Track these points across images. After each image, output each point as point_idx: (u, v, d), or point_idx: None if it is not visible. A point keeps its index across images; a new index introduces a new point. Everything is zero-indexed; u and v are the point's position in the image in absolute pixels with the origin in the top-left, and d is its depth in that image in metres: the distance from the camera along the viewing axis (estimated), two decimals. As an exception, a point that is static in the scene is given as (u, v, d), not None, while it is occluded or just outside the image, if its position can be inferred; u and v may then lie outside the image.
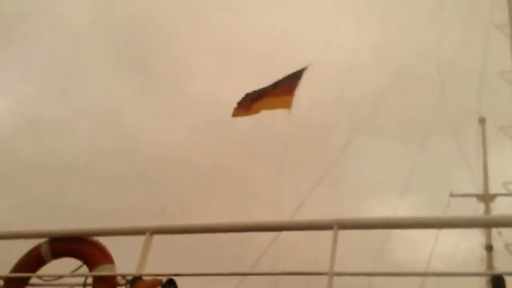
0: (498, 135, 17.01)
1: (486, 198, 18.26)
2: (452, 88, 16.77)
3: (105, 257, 4.58)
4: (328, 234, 4.08)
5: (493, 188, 18.24)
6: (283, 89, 13.18)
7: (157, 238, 4.55)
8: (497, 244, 17.76)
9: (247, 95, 12.98)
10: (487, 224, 8.32)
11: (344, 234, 4.17)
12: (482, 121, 18.57)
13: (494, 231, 17.31)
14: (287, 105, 12.97)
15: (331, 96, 15.24)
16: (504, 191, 18.00)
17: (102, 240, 4.71)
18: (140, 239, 4.53)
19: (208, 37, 31.68)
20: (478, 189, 18.34)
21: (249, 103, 13.11)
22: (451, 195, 18.10)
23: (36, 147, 29.42)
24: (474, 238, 17.86)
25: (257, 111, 13.16)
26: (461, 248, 17.96)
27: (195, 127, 30.52)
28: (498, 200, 18.16)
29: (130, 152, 29.46)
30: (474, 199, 18.16)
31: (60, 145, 29.80)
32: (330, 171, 15.12)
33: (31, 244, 4.84)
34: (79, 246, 4.67)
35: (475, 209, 17.99)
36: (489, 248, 17.83)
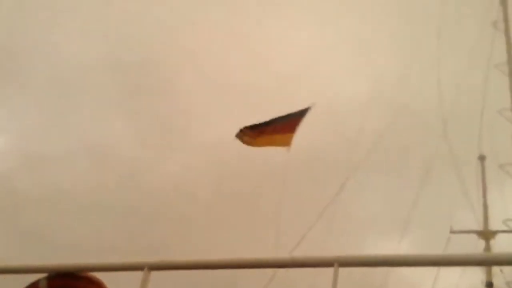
0: (498, 172, 17.02)
1: (487, 235, 18.21)
2: (453, 126, 16.85)
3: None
4: (327, 271, 4.04)
5: (494, 225, 18.23)
6: (284, 127, 13.31)
7: (155, 274, 4.51)
8: (498, 281, 17.65)
9: (249, 127, 13.15)
10: (488, 261, 8.27)
11: (344, 272, 4.13)
12: (482, 158, 18.64)
13: (495, 268, 17.21)
14: (287, 143, 13.09)
15: (332, 132, 15.32)
16: (505, 228, 17.96)
17: (100, 276, 4.67)
18: (139, 274, 4.49)
19: (207, 76, 32.01)
20: (478, 226, 18.30)
21: (252, 134, 13.29)
22: (452, 232, 18.07)
23: (35, 182, 29.52)
24: (474, 275, 17.75)
25: (257, 145, 13.30)
26: (461, 285, 17.85)
27: (194, 164, 30.66)
28: (499, 237, 18.14)
29: (128, 187, 29.57)
30: (474, 236, 18.15)
31: (59, 179, 29.91)
32: (330, 208, 15.11)
33: (29, 279, 4.80)
34: (77, 282, 4.63)
35: (476, 246, 17.95)
36: (489, 285, 17.71)
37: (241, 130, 12.94)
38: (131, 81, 32.00)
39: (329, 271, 4.05)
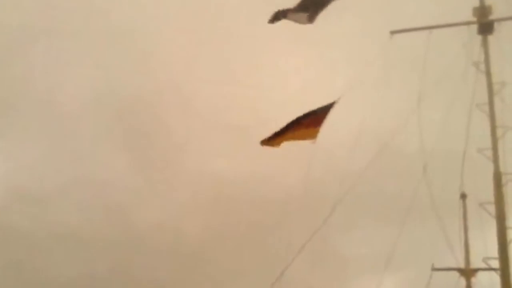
0: (479, 211, 17.22)
1: (468, 272, 18.41)
2: (435, 165, 17.09)
3: None
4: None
5: (474, 263, 18.44)
6: (310, 122, 13.60)
7: None
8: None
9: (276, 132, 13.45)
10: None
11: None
12: (463, 196, 18.90)
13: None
14: (313, 136, 13.41)
15: (320, 168, 15.54)
16: (485, 266, 18.16)
17: None
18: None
19: (201, 111, 32.36)
20: (459, 264, 18.49)
21: (281, 134, 13.57)
22: (433, 269, 18.25)
23: (29, 218, 29.56)
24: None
25: (283, 141, 13.58)
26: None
27: (189, 200, 30.91)
28: (479, 275, 18.33)
29: (122, 224, 29.69)
30: (455, 274, 18.33)
31: (53, 215, 29.96)
32: (312, 244, 15.24)
33: None
34: None
35: (457, 284, 18.14)
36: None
37: (264, 140, 13.28)
38: (126, 118, 32.28)
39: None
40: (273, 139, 14.05)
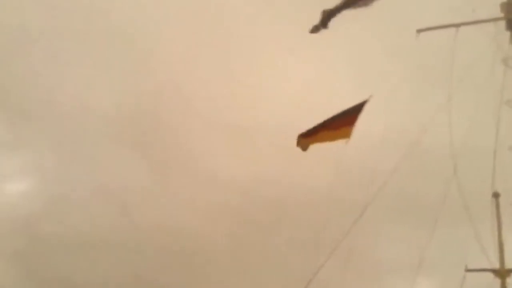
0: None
1: (502, 273, 18.01)
2: (465, 164, 16.81)
3: None
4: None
5: (509, 264, 18.04)
6: (343, 121, 13.54)
7: None
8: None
9: (310, 130, 13.45)
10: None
11: None
12: (496, 195, 18.52)
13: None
14: (347, 136, 13.34)
15: (344, 172, 15.38)
16: (521, 267, 17.79)
17: None
18: None
19: (203, 112, 32.46)
20: (493, 265, 18.10)
21: (313, 134, 13.52)
22: (467, 270, 17.89)
23: (58, 225, 30.09)
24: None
25: (318, 141, 13.51)
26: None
27: (204, 205, 31.02)
28: (515, 275, 17.94)
29: (151, 229, 29.95)
30: (490, 275, 17.94)
31: (81, 222, 30.41)
32: (343, 247, 15.09)
33: None
34: None
35: (491, 285, 17.77)
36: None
37: (297, 140, 13.26)
38: (146, 126, 32.57)
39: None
40: (305, 140, 13.96)
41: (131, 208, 31.86)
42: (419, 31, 17.44)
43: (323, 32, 15.93)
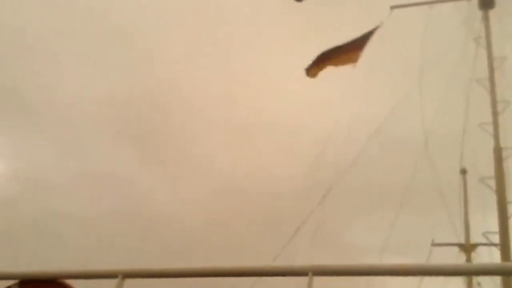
0: (479, 186, 17.12)
1: (468, 247, 18.30)
2: (435, 141, 16.97)
3: (75, 300, 4.50)
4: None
5: (474, 238, 18.34)
6: (351, 47, 13.72)
7: (129, 282, 4.47)
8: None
9: (319, 56, 13.62)
10: (471, 272, 8.22)
11: (321, 282, 4.08)
12: (463, 172, 18.77)
13: (475, 281, 17.28)
14: (354, 60, 13.52)
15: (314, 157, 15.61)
16: (485, 241, 18.08)
17: (74, 283, 4.62)
18: (113, 282, 4.45)
19: (201, 106, 32.68)
20: (459, 240, 18.40)
21: (320, 62, 13.68)
22: (433, 245, 18.17)
23: (37, 207, 29.98)
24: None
25: (324, 68, 13.67)
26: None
27: (193, 192, 31.26)
28: (480, 250, 18.24)
29: (130, 213, 30.05)
30: (455, 250, 18.24)
31: (61, 205, 30.35)
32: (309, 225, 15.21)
33: (1, 286, 4.74)
34: (50, 288, 4.58)
35: (456, 260, 18.06)
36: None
37: (306, 68, 13.43)
38: (133, 112, 32.63)
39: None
40: (315, 67, 14.13)
41: (115, 194, 31.98)
42: (393, 7, 17.51)
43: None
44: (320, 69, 14.20)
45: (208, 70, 32.74)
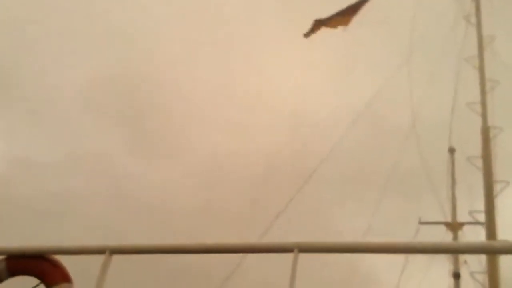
0: (466, 165, 17.23)
1: (454, 226, 18.46)
2: (423, 120, 17.03)
3: (62, 276, 4.50)
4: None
5: (461, 217, 18.50)
6: (345, 11, 14.32)
7: (117, 258, 4.48)
8: (464, 273, 17.94)
9: (315, 21, 14.39)
10: (457, 249, 8.27)
11: (307, 260, 4.10)
12: (451, 151, 18.87)
13: (461, 259, 17.47)
14: (346, 23, 14.17)
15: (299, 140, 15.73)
16: (471, 220, 18.24)
17: (61, 259, 4.63)
18: (100, 258, 4.46)
19: (201, 88, 32.77)
20: (446, 218, 18.56)
21: (317, 25, 14.33)
22: (420, 223, 18.32)
23: (26, 187, 30.10)
24: (441, 266, 18.00)
25: (317, 30, 14.30)
26: (428, 277, 18.08)
27: (184, 174, 31.48)
28: (466, 229, 18.42)
29: (119, 195, 30.20)
30: (442, 228, 18.40)
31: (50, 185, 30.48)
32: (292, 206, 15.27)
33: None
34: (37, 264, 4.58)
35: (443, 238, 18.21)
36: (456, 276, 17.97)
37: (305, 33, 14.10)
38: (123, 95, 32.66)
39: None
40: (312, 29, 14.74)
41: (102, 174, 32.10)
42: (383, -16, 17.41)
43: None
44: (314, 31, 14.87)
45: (208, 70, 32.83)
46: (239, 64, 32.19)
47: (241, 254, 4.64)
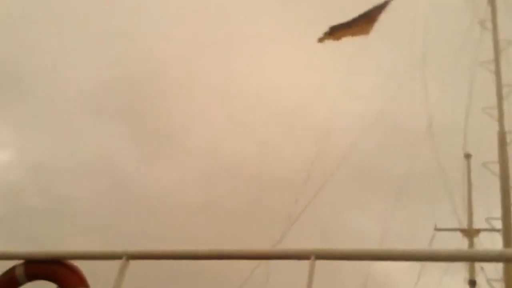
0: (483, 171, 17.09)
1: (470, 232, 18.31)
2: (438, 125, 16.93)
3: (80, 281, 4.54)
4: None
5: (477, 224, 18.35)
6: (363, 19, 13.84)
7: (134, 263, 4.51)
8: (480, 279, 17.78)
9: (332, 27, 13.81)
10: (474, 257, 8.19)
11: (324, 267, 4.09)
12: (467, 156, 18.75)
13: (477, 266, 17.31)
14: (366, 32, 13.65)
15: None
16: (487, 226, 18.08)
17: (78, 264, 4.67)
18: (117, 263, 4.49)
19: (202, 88, 32.81)
20: (462, 225, 18.40)
21: (333, 33, 13.79)
22: (436, 229, 18.20)
23: (40, 194, 30.34)
24: (457, 273, 17.87)
25: (339, 38, 13.81)
26: (444, 284, 17.95)
27: (188, 174, 31.55)
28: (482, 235, 18.26)
29: (129, 199, 30.31)
30: (458, 235, 18.25)
31: (64, 191, 30.69)
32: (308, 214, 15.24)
33: (5, 266, 4.78)
34: (55, 269, 4.62)
35: (459, 245, 18.08)
36: (472, 284, 17.82)
37: (320, 38, 13.63)
38: (133, 101, 32.84)
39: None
40: (327, 37, 14.27)
41: (116, 179, 32.33)
42: (398, -11, 17.34)
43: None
44: (335, 39, 14.36)
45: (208, 70, 32.86)
46: (239, 64, 32.15)
47: (256, 261, 4.63)
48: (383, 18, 17.34)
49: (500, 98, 16.45)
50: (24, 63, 31.69)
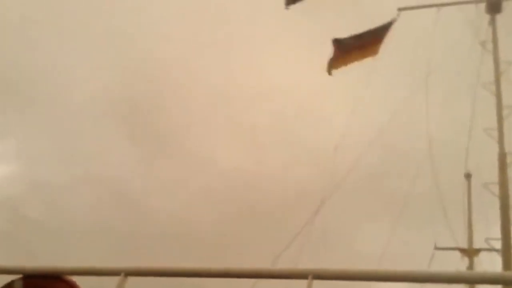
0: (482, 191, 17.09)
1: (470, 252, 18.27)
2: (439, 144, 16.94)
3: (78, 297, 4.53)
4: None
5: (477, 243, 18.32)
6: (370, 40, 13.62)
7: (132, 280, 4.50)
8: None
9: (336, 48, 13.46)
10: (474, 279, 8.15)
11: (322, 287, 4.08)
12: (468, 176, 18.75)
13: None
14: (374, 53, 13.43)
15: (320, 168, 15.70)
16: (487, 246, 18.05)
17: (77, 279, 4.66)
18: (115, 280, 4.48)
19: (202, 107, 32.84)
20: (461, 244, 18.37)
21: (340, 56, 13.51)
22: (436, 248, 18.15)
23: (42, 208, 30.21)
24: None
25: (347, 64, 13.57)
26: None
27: (197, 190, 31.43)
28: (482, 255, 18.21)
29: (132, 215, 30.18)
30: (457, 254, 18.21)
31: (65, 206, 30.55)
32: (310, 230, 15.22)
33: (3, 280, 4.78)
34: (53, 284, 4.61)
35: (459, 264, 18.05)
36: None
37: (328, 63, 13.32)
38: (136, 114, 32.84)
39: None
40: (334, 62, 14.04)
41: (118, 193, 32.23)
42: (401, 9, 17.44)
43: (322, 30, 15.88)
44: (344, 63, 14.09)
45: (208, 70, 32.85)
46: (239, 64, 32.13)
47: (254, 279, 4.63)
48: (387, 39, 17.44)
49: (500, 119, 16.52)
50: (24, 65, 31.54)
